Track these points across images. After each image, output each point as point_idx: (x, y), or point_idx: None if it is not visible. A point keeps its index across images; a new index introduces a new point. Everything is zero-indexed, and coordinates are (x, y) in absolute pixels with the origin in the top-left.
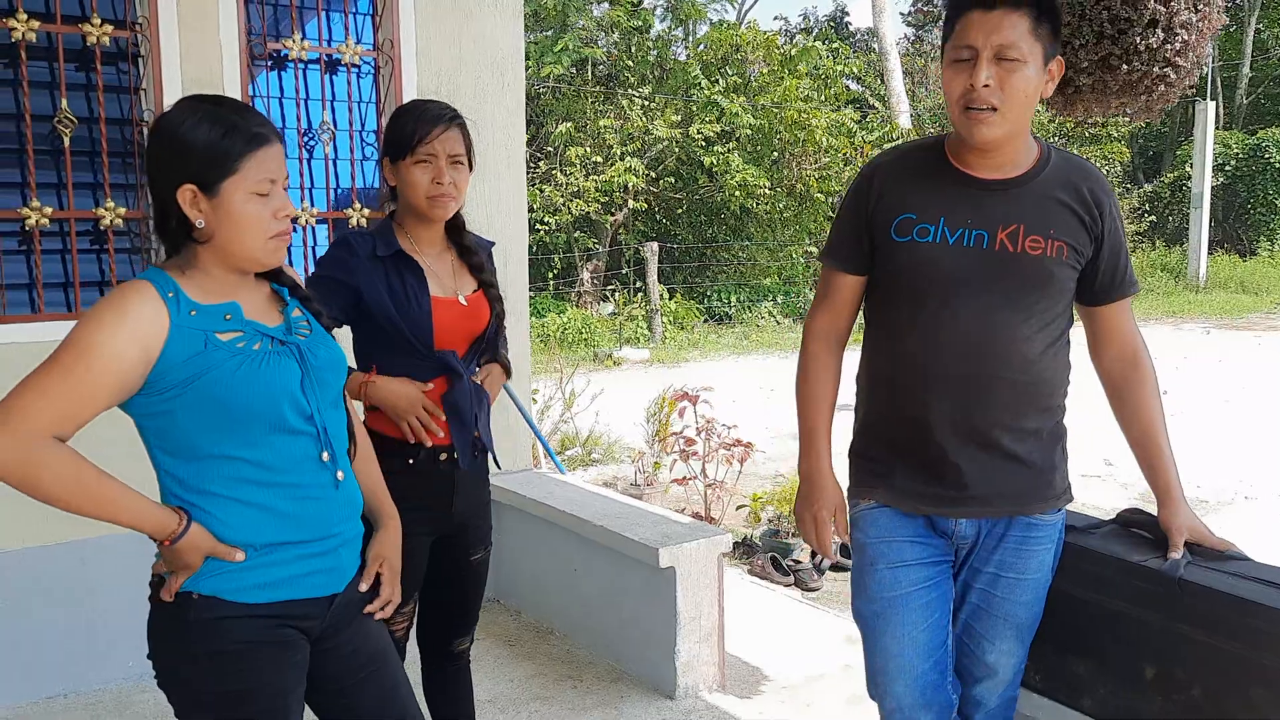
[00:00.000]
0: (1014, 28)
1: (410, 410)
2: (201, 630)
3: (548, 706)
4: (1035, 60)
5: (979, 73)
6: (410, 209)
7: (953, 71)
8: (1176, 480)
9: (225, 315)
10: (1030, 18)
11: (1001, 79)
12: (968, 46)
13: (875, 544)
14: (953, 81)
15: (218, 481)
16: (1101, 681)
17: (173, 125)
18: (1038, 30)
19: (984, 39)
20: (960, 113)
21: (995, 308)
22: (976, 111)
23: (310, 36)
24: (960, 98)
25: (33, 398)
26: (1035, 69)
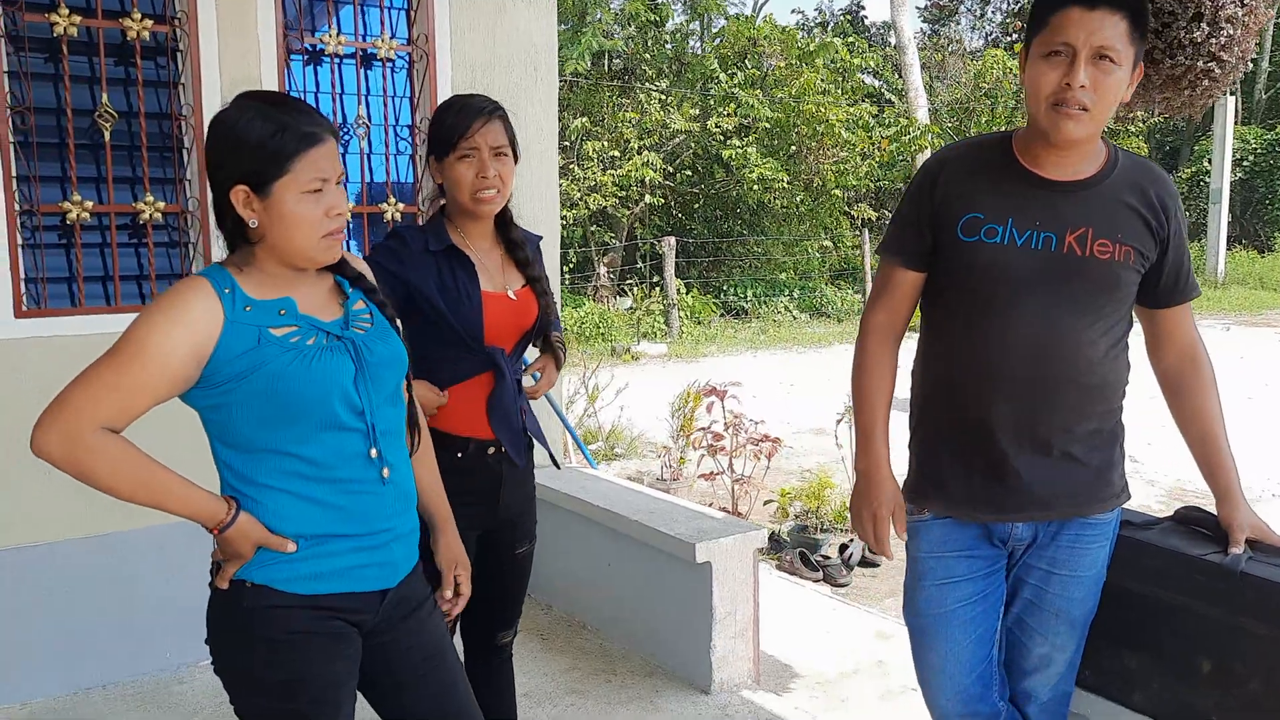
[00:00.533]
0: (1115, 28)
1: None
2: (254, 618)
3: (584, 700)
4: (1128, 63)
5: (1077, 72)
6: (457, 206)
7: (1046, 65)
8: (1236, 479)
9: (280, 310)
10: (1129, 20)
11: (1096, 80)
12: (1065, 44)
13: (925, 558)
14: (1045, 76)
15: (269, 474)
16: (1155, 676)
17: (226, 125)
18: (1133, 34)
19: (1084, 38)
20: (1048, 108)
21: (1062, 311)
22: (1066, 109)
23: (346, 31)
24: (1051, 94)
25: (87, 391)
26: (1126, 72)
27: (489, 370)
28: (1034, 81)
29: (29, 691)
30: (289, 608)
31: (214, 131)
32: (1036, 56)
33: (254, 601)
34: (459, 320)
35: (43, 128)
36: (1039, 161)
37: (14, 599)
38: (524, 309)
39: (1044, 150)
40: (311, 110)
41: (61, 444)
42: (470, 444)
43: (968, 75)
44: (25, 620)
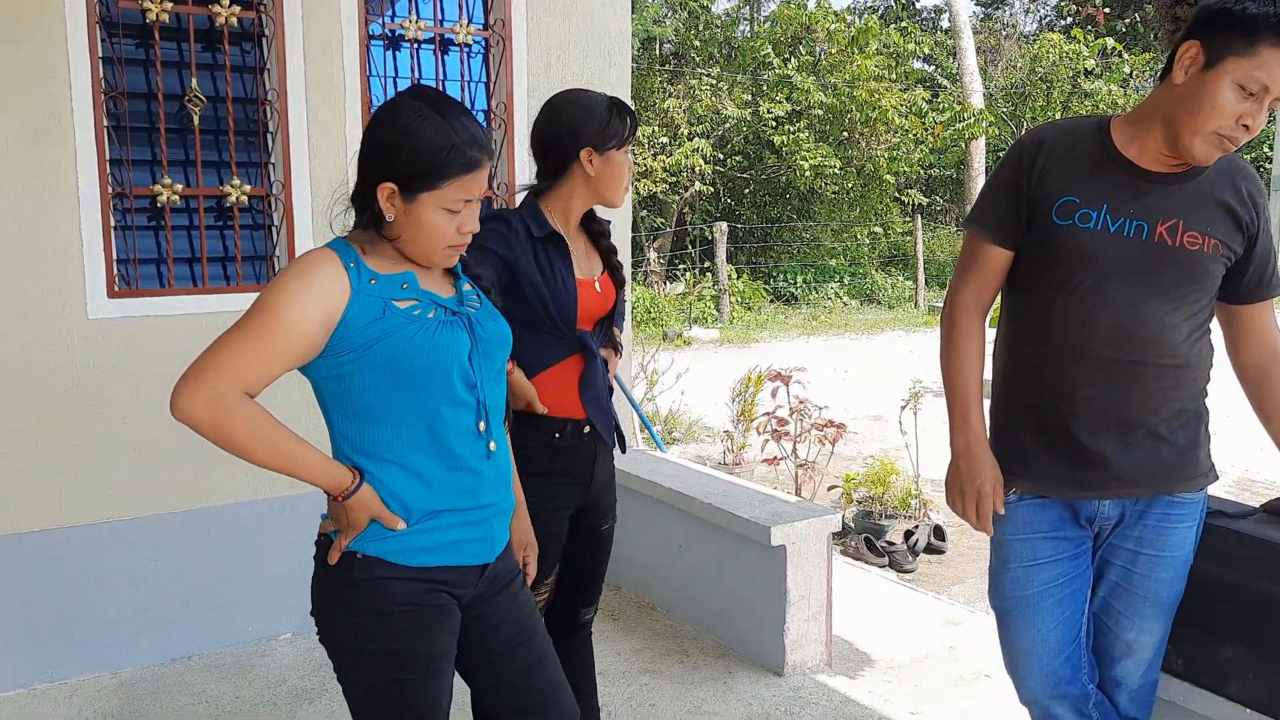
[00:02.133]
0: None
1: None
2: (364, 589)
3: (657, 680)
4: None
5: (1262, 116)
6: (602, 196)
7: (1235, 96)
8: None
9: (402, 284)
10: None
11: (1262, 121)
12: (1265, 86)
13: (1011, 540)
14: (1229, 106)
15: (385, 445)
16: (1250, 666)
17: (399, 124)
18: None
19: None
20: (1211, 135)
21: (1147, 296)
22: (1228, 145)
23: (425, 15)
24: (1225, 125)
25: (225, 356)
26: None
27: (578, 352)
28: (1215, 102)
29: (119, 660)
30: (399, 579)
31: (384, 122)
32: (1227, 77)
33: (364, 573)
34: (556, 305)
35: (134, 112)
36: (1142, 154)
37: (105, 572)
38: (606, 296)
39: (1155, 147)
40: (478, 128)
41: (207, 406)
42: (567, 425)
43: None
44: (115, 592)
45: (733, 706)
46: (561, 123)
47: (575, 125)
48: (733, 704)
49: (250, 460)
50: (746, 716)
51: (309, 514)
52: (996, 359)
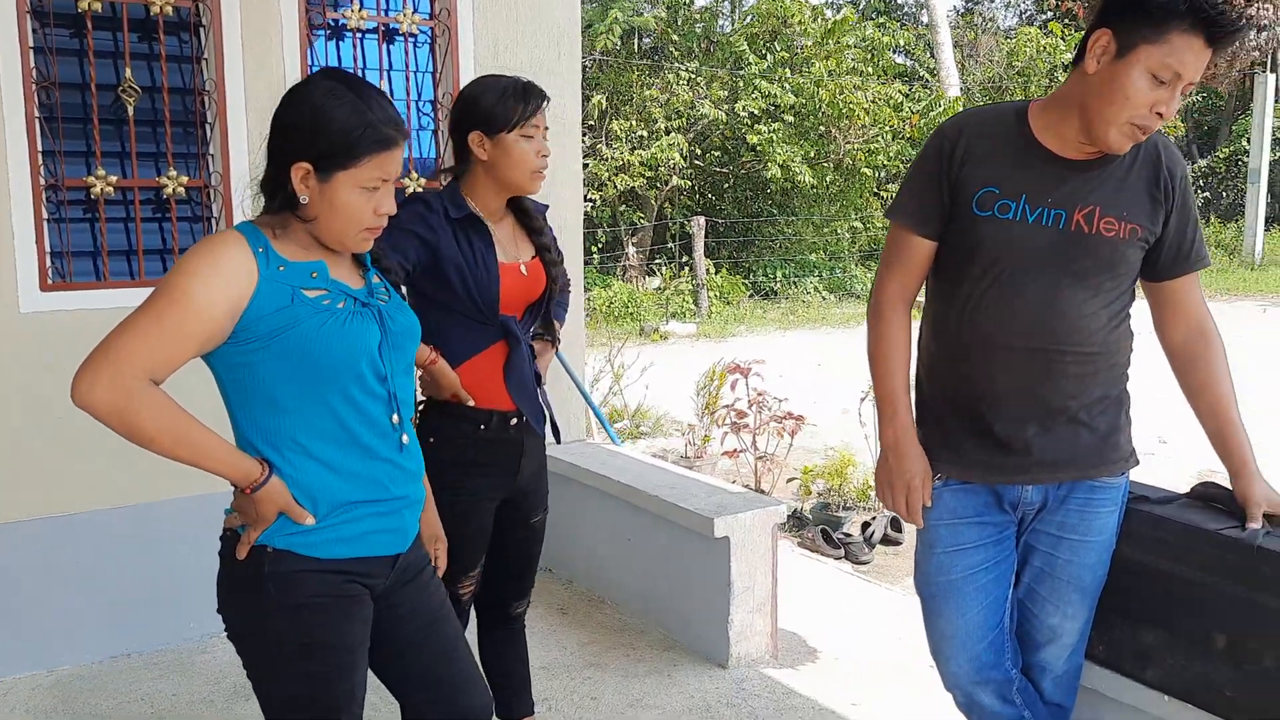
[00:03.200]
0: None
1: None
2: (276, 583)
3: (601, 673)
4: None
5: (1174, 104)
6: (504, 181)
7: (1147, 85)
8: (1250, 453)
9: (312, 273)
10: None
11: (1173, 109)
12: (1174, 72)
13: (936, 526)
14: (1142, 95)
15: (294, 436)
16: (1170, 652)
17: (310, 102)
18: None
19: (1193, 70)
20: (1124, 124)
21: (1064, 285)
22: (1142, 132)
23: (368, 5)
24: (1136, 114)
25: (129, 341)
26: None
27: (502, 339)
28: (1127, 91)
29: (57, 658)
30: (311, 572)
31: (294, 104)
32: (1139, 65)
33: (275, 567)
34: (477, 288)
35: (67, 103)
36: (1059, 142)
37: (42, 569)
38: (534, 280)
39: (1072, 135)
40: (392, 107)
41: (108, 393)
42: (493, 416)
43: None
44: (53, 589)
45: (674, 699)
46: (457, 108)
47: (464, 110)
48: (675, 696)
49: (154, 450)
50: (688, 709)
51: None
52: (921, 347)
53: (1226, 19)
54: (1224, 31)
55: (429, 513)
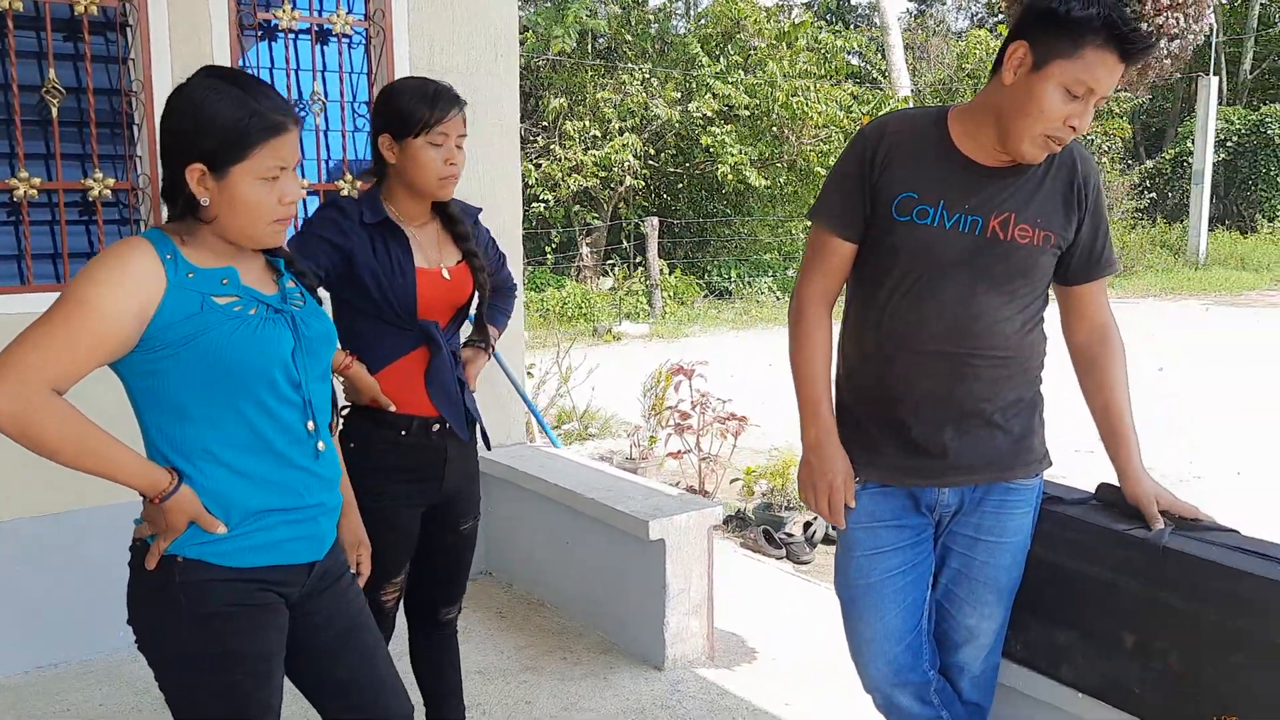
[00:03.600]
0: (1122, 75)
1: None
2: (186, 593)
3: (537, 677)
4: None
5: (1087, 118)
6: (413, 186)
7: (1061, 98)
8: (1137, 453)
9: (222, 280)
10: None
11: (1085, 122)
12: (1087, 87)
13: (854, 529)
14: (1056, 108)
15: (205, 445)
16: (1082, 650)
17: (192, 101)
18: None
19: (1106, 84)
20: (1037, 136)
21: (979, 290)
22: (1056, 145)
23: (300, 6)
24: (1049, 126)
25: (33, 350)
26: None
27: (423, 345)
28: (1041, 104)
29: None
30: (222, 581)
31: (177, 106)
32: (1053, 80)
33: (185, 577)
34: (393, 293)
35: None
36: (977, 148)
37: None
38: (458, 286)
39: (989, 143)
40: (278, 96)
41: (10, 404)
42: (413, 422)
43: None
44: None
45: (609, 702)
46: (374, 108)
47: (377, 111)
48: (610, 699)
49: (59, 461)
50: (622, 711)
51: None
52: (840, 351)
53: (1139, 36)
54: (1137, 48)
55: (351, 518)
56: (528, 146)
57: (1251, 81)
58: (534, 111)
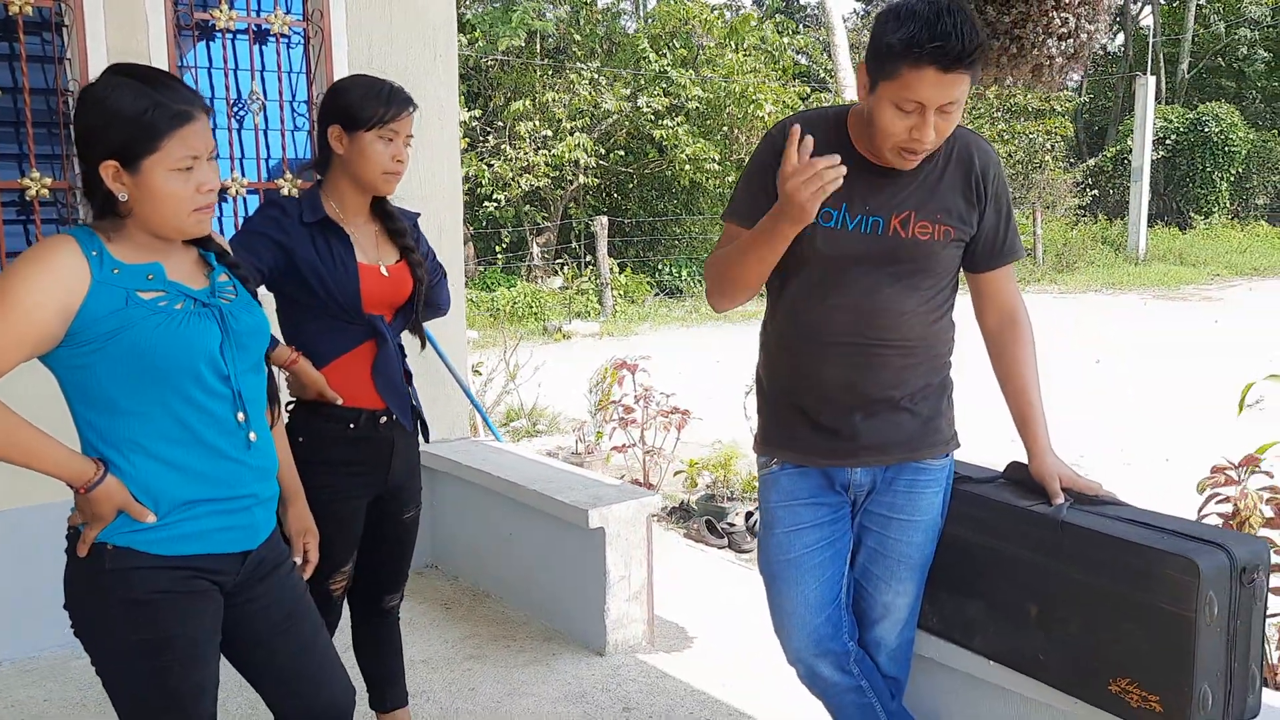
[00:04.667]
0: (961, 84)
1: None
2: (116, 580)
3: (481, 665)
4: (964, 98)
5: (927, 129)
6: (357, 179)
7: (895, 115)
8: (1045, 432)
9: (148, 275)
10: (972, 72)
11: (941, 126)
12: (916, 102)
13: (775, 508)
14: (894, 124)
15: (134, 437)
16: (991, 621)
17: (97, 99)
18: (974, 76)
19: (935, 98)
20: (894, 149)
21: (884, 286)
22: (912, 155)
23: (238, 7)
24: (899, 143)
25: None
26: (963, 104)
27: (370, 339)
28: (881, 123)
29: None
30: (152, 568)
31: (83, 105)
32: (889, 104)
33: (116, 564)
34: (337, 288)
35: None
36: (873, 149)
37: None
38: (398, 284)
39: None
40: (183, 86)
41: None
42: (361, 415)
43: None
44: None
45: (552, 687)
46: (324, 100)
47: (329, 103)
48: (552, 684)
49: None
50: (564, 696)
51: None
52: (760, 343)
53: (951, 48)
54: (954, 60)
55: (298, 507)
56: (479, 147)
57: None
58: (484, 113)
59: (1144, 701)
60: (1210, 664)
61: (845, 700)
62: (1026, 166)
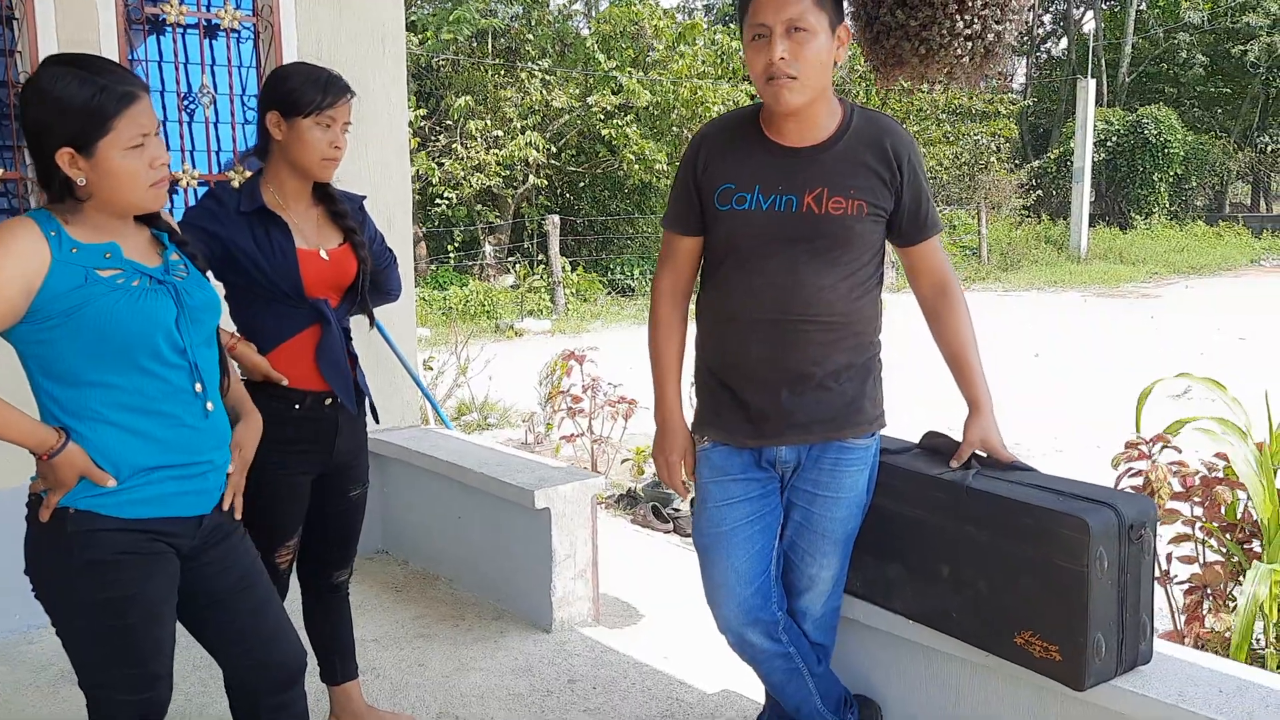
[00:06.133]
0: (800, 3)
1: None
2: (77, 542)
3: (430, 643)
4: (823, 29)
5: (774, 47)
6: (295, 165)
7: (753, 51)
8: (985, 394)
9: (105, 254)
10: None
11: (795, 50)
12: (761, 25)
13: (707, 483)
14: (754, 59)
15: (95, 407)
16: (908, 583)
17: (42, 91)
18: (820, 3)
19: (774, 16)
20: (764, 84)
21: (801, 262)
22: (778, 80)
23: (188, 1)
24: (762, 72)
25: None
26: (825, 37)
27: (315, 323)
28: (750, 64)
29: None
30: (112, 530)
31: (30, 98)
32: (747, 43)
33: (77, 526)
34: (277, 274)
35: None
36: (779, 131)
37: None
38: (340, 266)
39: (780, 121)
40: (122, 68)
41: None
42: (307, 396)
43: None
44: None
45: (500, 661)
46: (264, 87)
47: (268, 89)
48: (500, 659)
49: None
50: (511, 669)
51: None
52: (697, 326)
53: None
54: None
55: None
56: (430, 146)
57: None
58: (434, 111)
59: (1045, 652)
60: (1103, 615)
61: (774, 666)
62: (972, 168)
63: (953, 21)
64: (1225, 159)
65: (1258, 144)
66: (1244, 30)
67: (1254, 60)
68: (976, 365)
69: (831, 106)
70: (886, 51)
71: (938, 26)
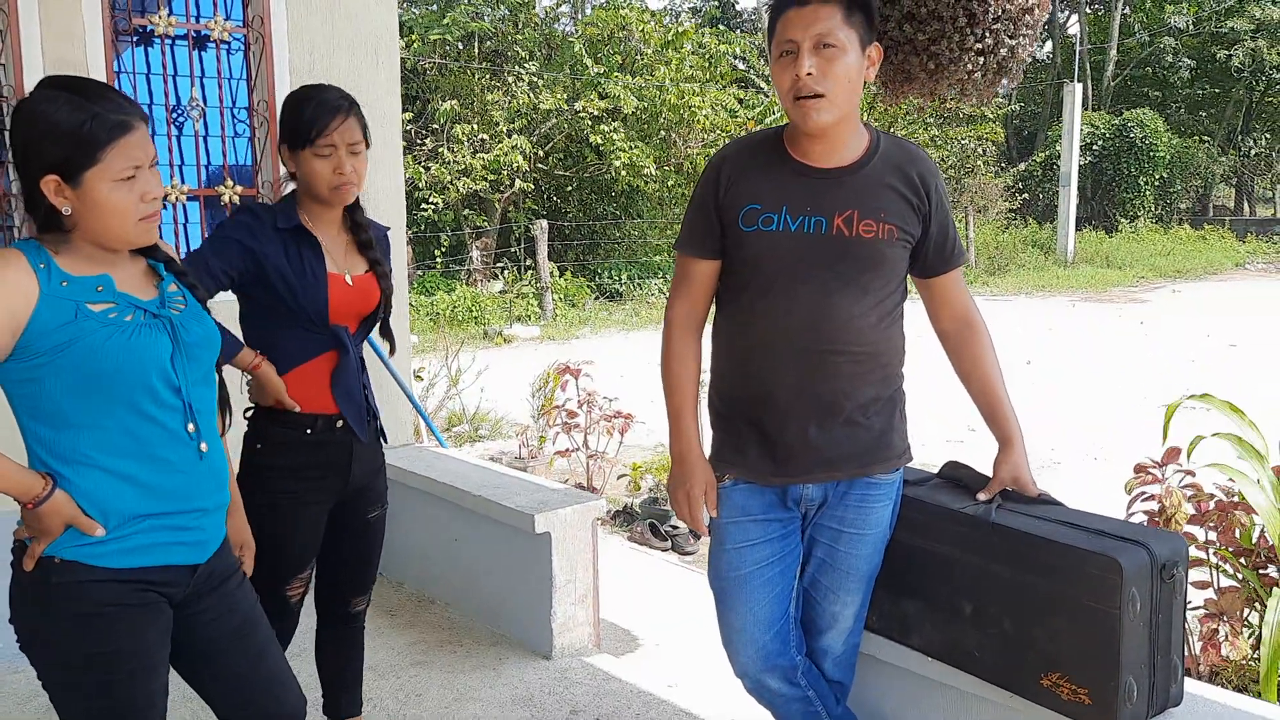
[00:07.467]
0: (829, 19)
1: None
2: (64, 593)
3: (427, 671)
4: (853, 47)
5: (802, 63)
6: (312, 195)
7: (780, 67)
8: (1016, 429)
9: (97, 287)
10: (842, 8)
11: (823, 67)
12: (790, 41)
13: (726, 524)
14: (781, 76)
15: (84, 450)
16: (928, 619)
17: (32, 114)
18: (850, 19)
19: (802, 32)
20: (792, 103)
21: (832, 288)
22: (806, 100)
23: (177, 12)
24: (790, 89)
25: None
26: (854, 55)
27: (334, 348)
28: (777, 82)
29: None
30: (99, 581)
31: (20, 120)
32: (775, 60)
33: (62, 577)
34: (305, 297)
35: None
36: (806, 152)
37: None
38: (364, 294)
39: (806, 141)
40: (120, 96)
41: None
42: (318, 420)
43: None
44: None
45: (499, 691)
46: None
47: (278, 123)
48: (500, 688)
49: None
50: (511, 700)
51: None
52: (711, 357)
53: None
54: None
55: (236, 519)
56: (416, 150)
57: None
58: (420, 115)
59: (1074, 695)
60: (1134, 657)
61: (792, 710)
62: (959, 171)
63: (963, 36)
64: (1210, 162)
65: (1242, 148)
66: (1229, 35)
67: (1238, 65)
68: (1006, 400)
69: (858, 129)
70: (894, 67)
71: (947, 41)
